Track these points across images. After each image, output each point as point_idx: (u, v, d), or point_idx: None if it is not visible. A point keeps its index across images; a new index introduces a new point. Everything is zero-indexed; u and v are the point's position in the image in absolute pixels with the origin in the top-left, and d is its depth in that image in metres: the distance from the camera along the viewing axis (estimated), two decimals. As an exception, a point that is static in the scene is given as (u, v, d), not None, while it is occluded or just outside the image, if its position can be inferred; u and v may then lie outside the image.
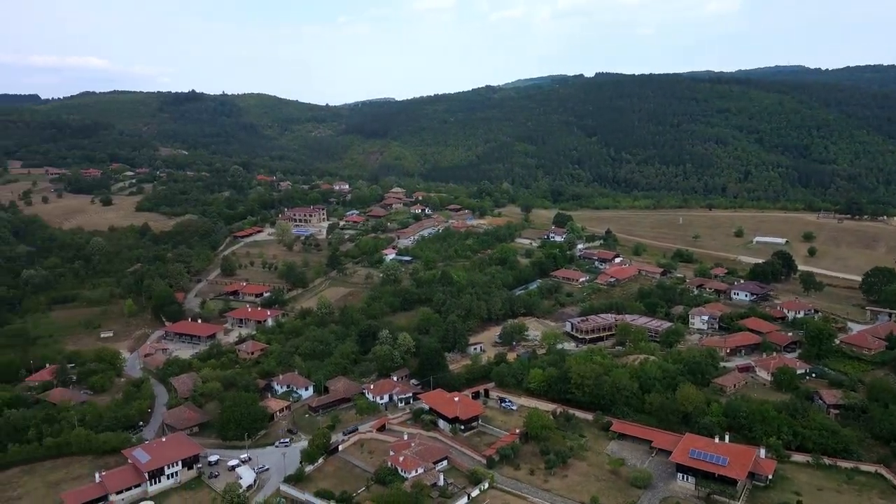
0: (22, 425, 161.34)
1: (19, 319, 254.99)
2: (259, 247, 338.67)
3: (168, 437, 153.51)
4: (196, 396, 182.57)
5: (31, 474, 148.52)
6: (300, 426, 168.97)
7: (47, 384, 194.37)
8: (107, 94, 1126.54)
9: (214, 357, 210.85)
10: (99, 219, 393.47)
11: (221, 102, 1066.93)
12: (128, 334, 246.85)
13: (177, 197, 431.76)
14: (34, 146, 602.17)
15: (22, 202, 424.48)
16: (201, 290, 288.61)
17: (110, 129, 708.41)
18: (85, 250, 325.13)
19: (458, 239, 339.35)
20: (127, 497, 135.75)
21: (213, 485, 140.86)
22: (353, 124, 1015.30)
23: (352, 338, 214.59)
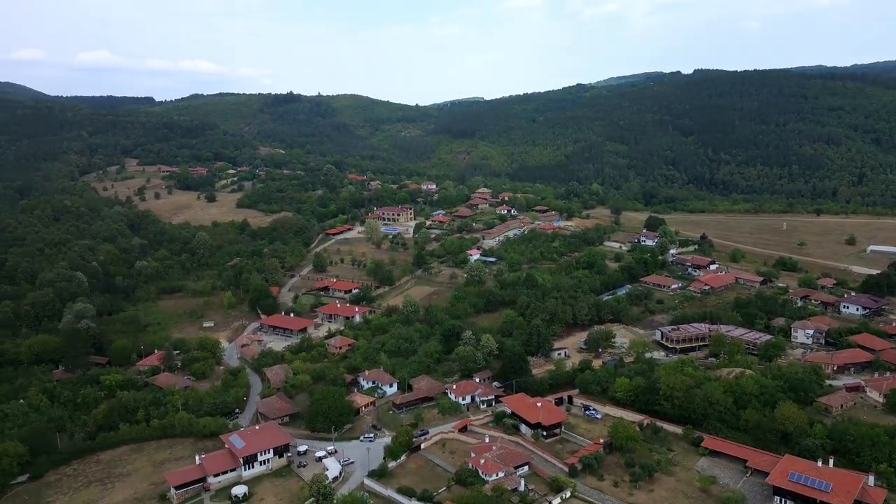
0: (132, 406, 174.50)
1: (132, 307, 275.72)
2: (349, 244, 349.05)
3: (261, 426, 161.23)
4: (287, 387, 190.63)
5: (139, 453, 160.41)
6: (384, 422, 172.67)
7: (155, 369, 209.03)
8: (214, 95, 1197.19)
9: (305, 350, 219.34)
10: (204, 214, 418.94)
11: (317, 103, 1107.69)
12: (227, 325, 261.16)
13: (274, 194, 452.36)
14: (149, 145, 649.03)
15: (137, 198, 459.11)
16: (294, 285, 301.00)
17: (216, 129, 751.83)
18: (191, 244, 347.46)
19: (544, 241, 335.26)
20: (223, 480, 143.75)
21: (302, 474, 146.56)
22: (442, 124, 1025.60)
23: (436, 337, 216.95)
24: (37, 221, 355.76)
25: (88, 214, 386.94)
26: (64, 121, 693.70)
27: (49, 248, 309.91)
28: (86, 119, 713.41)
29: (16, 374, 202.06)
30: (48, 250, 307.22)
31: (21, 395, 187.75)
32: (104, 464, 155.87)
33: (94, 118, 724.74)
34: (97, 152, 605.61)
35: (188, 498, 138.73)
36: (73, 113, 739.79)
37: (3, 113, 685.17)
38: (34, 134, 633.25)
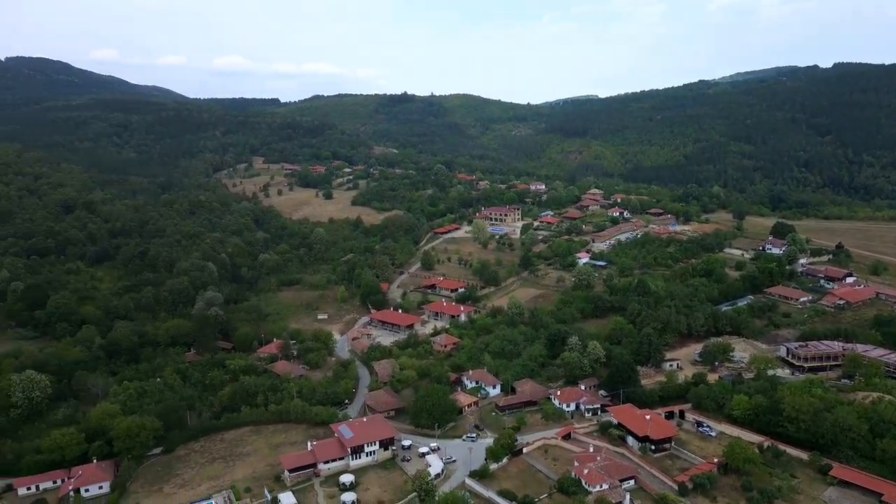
0: (253, 391, 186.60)
1: (255, 297, 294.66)
2: (456, 243, 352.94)
3: (368, 418, 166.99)
4: (394, 382, 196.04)
5: (258, 434, 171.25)
6: (486, 423, 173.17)
7: (273, 357, 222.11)
8: (333, 96, 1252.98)
9: (411, 346, 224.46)
10: (321, 211, 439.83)
11: (429, 103, 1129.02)
12: (339, 318, 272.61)
13: (386, 193, 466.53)
14: (274, 144, 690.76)
15: (262, 194, 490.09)
16: (403, 282, 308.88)
17: (334, 129, 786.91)
18: (309, 239, 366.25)
19: (659, 245, 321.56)
20: (332, 468, 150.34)
21: (405, 468, 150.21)
22: (553, 123, 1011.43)
23: (540, 341, 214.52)
24: (175, 214, 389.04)
25: (220, 209, 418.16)
26: (201, 122, 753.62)
27: (185, 240, 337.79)
28: (220, 120, 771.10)
29: (154, 355, 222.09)
30: (184, 242, 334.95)
31: (158, 374, 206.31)
32: (227, 442, 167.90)
33: (227, 119, 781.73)
34: (228, 151, 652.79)
35: (300, 481, 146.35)
36: (209, 114, 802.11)
37: (150, 115, 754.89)
38: (176, 134, 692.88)
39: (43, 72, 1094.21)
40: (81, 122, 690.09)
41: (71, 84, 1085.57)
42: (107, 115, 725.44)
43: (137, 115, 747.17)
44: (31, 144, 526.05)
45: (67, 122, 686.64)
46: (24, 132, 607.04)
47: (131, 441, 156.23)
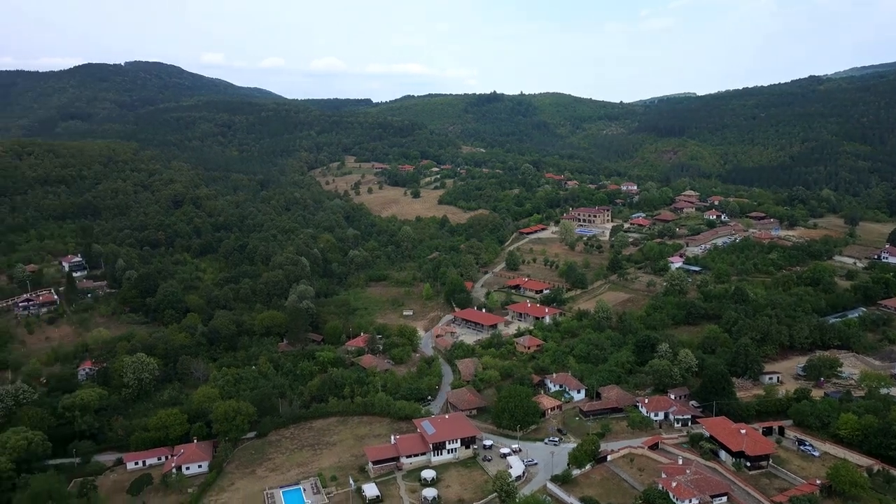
0: (340, 383, 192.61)
1: (344, 292, 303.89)
2: (542, 244, 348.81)
3: (450, 415, 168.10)
4: (476, 381, 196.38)
5: (344, 425, 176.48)
6: (569, 427, 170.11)
7: (360, 350, 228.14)
8: (423, 97, 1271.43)
9: (494, 346, 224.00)
10: (409, 209, 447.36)
11: (518, 102, 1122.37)
12: (424, 315, 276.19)
13: (472, 192, 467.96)
14: (365, 143, 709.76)
15: (353, 192, 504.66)
16: (487, 282, 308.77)
17: (423, 128, 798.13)
18: (396, 236, 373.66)
19: (759, 251, 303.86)
20: (414, 462, 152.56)
21: (487, 468, 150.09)
22: (647, 122, 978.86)
23: (628, 346, 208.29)
24: (272, 210, 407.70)
25: (313, 206, 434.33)
26: (298, 122, 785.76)
27: (281, 235, 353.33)
28: (315, 120, 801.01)
29: (250, 343, 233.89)
30: (280, 237, 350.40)
31: (253, 362, 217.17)
32: (315, 431, 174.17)
33: (322, 119, 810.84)
34: (323, 150, 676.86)
35: (383, 474, 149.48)
36: (305, 114, 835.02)
37: (251, 115, 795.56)
38: (274, 133, 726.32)
39: (158, 75, 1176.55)
40: (190, 123, 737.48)
41: (182, 87, 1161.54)
42: (213, 116, 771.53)
43: (240, 115, 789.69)
44: (147, 143, 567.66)
45: (178, 122, 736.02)
46: (140, 132, 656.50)
47: (228, 424, 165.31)
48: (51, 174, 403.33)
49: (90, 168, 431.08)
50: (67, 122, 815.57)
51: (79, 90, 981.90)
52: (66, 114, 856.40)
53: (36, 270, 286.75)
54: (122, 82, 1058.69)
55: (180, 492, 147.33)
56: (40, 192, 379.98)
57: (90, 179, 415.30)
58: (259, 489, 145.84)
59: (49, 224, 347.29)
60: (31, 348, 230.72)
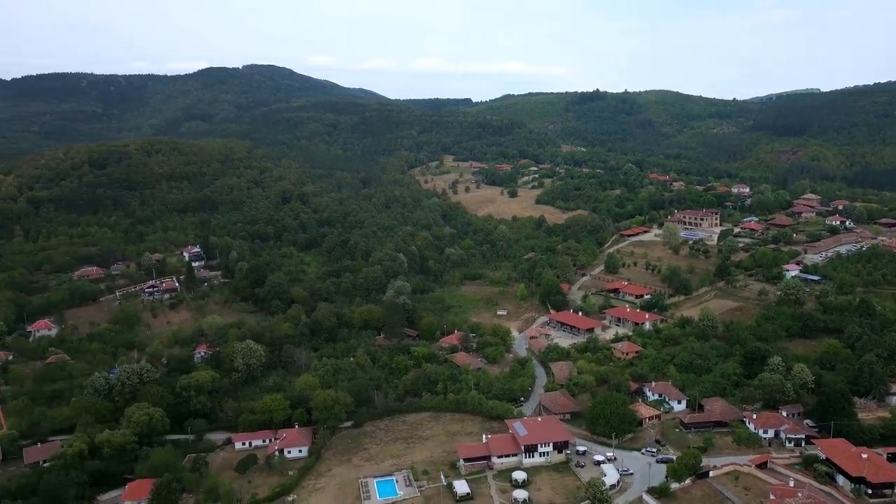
0: (434, 378, 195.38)
1: (439, 289, 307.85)
2: (644, 247, 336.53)
3: (543, 418, 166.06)
4: (571, 385, 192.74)
5: (437, 421, 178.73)
6: (668, 439, 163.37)
7: (454, 347, 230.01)
8: (523, 95, 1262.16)
9: (590, 351, 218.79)
10: (505, 209, 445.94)
11: (622, 100, 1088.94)
12: (518, 315, 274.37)
13: (571, 192, 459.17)
14: (464, 143, 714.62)
15: (450, 191, 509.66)
16: (584, 284, 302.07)
17: (522, 128, 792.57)
18: (492, 236, 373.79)
19: (889, 261, 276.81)
20: (505, 462, 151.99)
21: (579, 474, 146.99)
22: (762, 120, 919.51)
23: (735, 358, 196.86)
24: (373, 208, 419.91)
25: (412, 204, 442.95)
26: (399, 121, 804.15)
27: (380, 232, 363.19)
28: (416, 120, 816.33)
29: (349, 336, 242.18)
30: (380, 233, 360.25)
31: (351, 353, 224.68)
32: (408, 425, 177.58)
33: (422, 119, 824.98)
34: (422, 149, 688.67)
35: (474, 472, 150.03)
36: (406, 114, 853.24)
37: (356, 115, 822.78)
38: (377, 133, 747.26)
39: (271, 77, 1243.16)
40: (299, 122, 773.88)
41: (293, 88, 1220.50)
42: (320, 116, 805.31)
43: (345, 115, 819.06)
44: (259, 142, 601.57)
45: (288, 122, 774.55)
46: (254, 131, 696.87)
47: (327, 412, 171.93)
48: (175, 171, 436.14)
49: (209, 165, 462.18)
50: (191, 122, 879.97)
51: (201, 92, 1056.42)
52: (190, 114, 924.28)
53: (160, 259, 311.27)
54: (239, 85, 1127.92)
55: (282, 473, 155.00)
56: (166, 188, 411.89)
57: (209, 176, 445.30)
58: (354, 477, 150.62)
59: (172, 217, 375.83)
60: (155, 331, 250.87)
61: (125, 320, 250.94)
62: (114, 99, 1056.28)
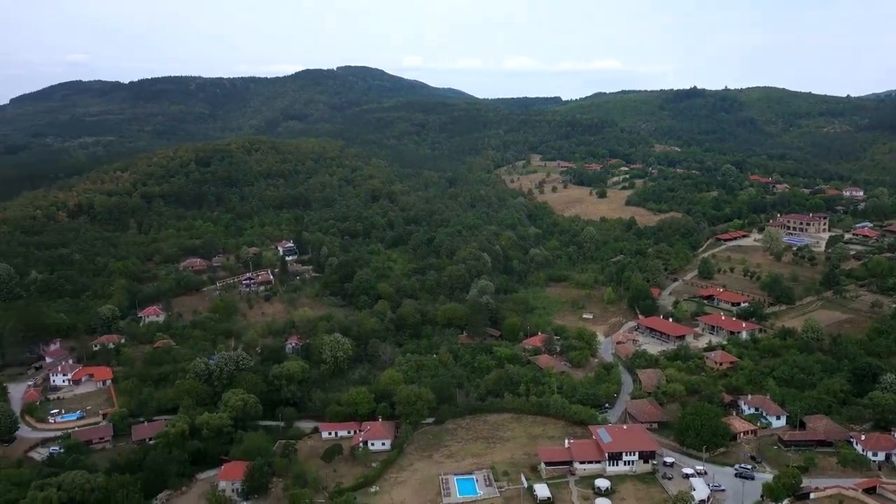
0: (516, 380, 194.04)
1: (523, 290, 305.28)
2: (742, 252, 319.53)
3: (629, 426, 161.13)
4: (659, 393, 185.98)
5: (518, 422, 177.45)
6: (765, 456, 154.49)
7: (537, 349, 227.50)
8: (615, 94, 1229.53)
9: (681, 359, 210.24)
10: (593, 209, 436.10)
11: (722, 98, 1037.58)
12: (604, 319, 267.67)
13: (664, 194, 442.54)
14: (552, 142, 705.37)
15: (536, 190, 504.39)
16: (676, 290, 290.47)
17: (613, 127, 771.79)
18: (579, 237, 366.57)
19: None
20: (588, 469, 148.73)
21: (666, 486, 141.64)
22: (880, 118, 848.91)
23: (843, 373, 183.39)
24: (458, 206, 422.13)
25: (497, 203, 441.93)
26: (487, 120, 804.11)
27: (465, 231, 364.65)
28: (503, 119, 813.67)
29: (432, 333, 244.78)
30: (465, 232, 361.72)
31: (435, 351, 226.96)
32: (489, 425, 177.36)
33: (510, 118, 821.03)
34: (509, 148, 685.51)
35: (555, 476, 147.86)
36: (494, 113, 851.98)
37: (444, 115, 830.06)
38: (464, 132, 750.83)
39: (363, 78, 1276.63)
40: (389, 122, 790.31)
41: (383, 88, 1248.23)
42: (409, 116, 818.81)
43: (434, 115, 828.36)
44: (351, 141, 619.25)
45: (379, 122, 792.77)
46: (346, 131, 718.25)
47: (410, 407, 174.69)
48: (272, 169, 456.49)
49: (304, 164, 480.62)
50: (288, 122, 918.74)
51: (298, 93, 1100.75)
52: (287, 115, 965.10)
53: (257, 253, 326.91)
54: (333, 86, 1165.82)
55: (365, 465, 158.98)
56: (263, 185, 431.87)
57: (303, 174, 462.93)
58: (435, 473, 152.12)
59: (269, 213, 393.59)
60: (250, 321, 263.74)
61: (224, 310, 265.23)
62: (219, 100, 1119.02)
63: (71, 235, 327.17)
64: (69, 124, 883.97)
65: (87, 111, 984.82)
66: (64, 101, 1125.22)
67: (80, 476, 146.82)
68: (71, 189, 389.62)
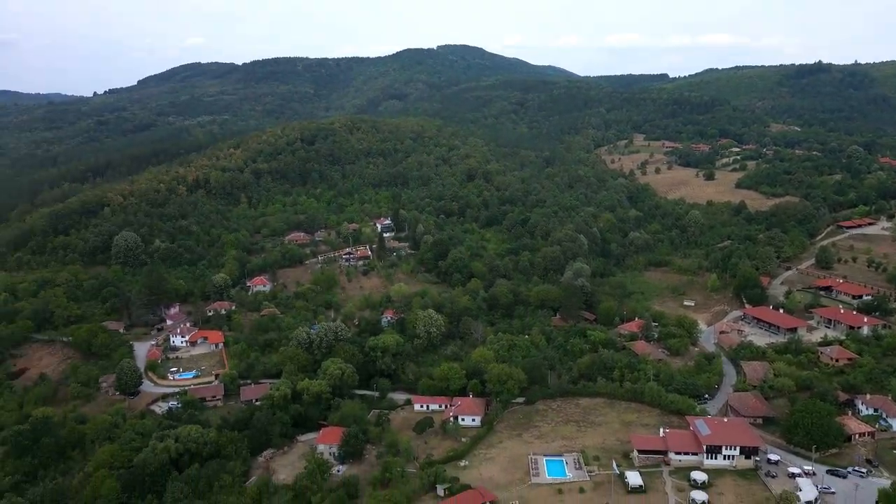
0: (610, 365, 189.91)
1: (620, 274, 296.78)
2: (867, 241, 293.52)
3: (730, 420, 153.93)
4: (765, 388, 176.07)
5: (611, 408, 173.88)
6: (883, 460, 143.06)
7: (633, 335, 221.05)
8: (728, 70, 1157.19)
9: (792, 353, 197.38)
10: (699, 192, 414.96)
11: (850, 73, 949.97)
12: (707, 307, 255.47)
13: (779, 176, 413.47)
14: (656, 121, 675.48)
15: (638, 171, 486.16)
16: (788, 279, 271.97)
17: (725, 105, 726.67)
18: (682, 221, 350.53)
19: None
20: (683, 460, 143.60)
21: (770, 484, 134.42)
22: None
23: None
24: (555, 187, 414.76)
25: (596, 184, 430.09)
26: (588, 99, 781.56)
27: (562, 212, 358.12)
28: (605, 97, 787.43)
29: (525, 314, 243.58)
30: (561, 213, 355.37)
31: (527, 331, 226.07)
32: (581, 408, 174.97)
33: (613, 96, 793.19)
34: (611, 127, 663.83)
35: (648, 465, 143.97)
36: (596, 91, 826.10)
37: (543, 93, 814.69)
38: (564, 111, 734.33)
39: (463, 57, 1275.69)
40: (487, 101, 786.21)
41: (482, 67, 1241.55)
42: (508, 95, 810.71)
43: (533, 93, 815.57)
44: (449, 120, 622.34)
45: (477, 101, 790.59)
46: (444, 110, 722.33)
47: (501, 386, 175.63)
48: (372, 147, 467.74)
49: (402, 143, 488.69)
50: (388, 101, 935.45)
51: (399, 73, 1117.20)
52: (388, 94, 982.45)
53: (356, 229, 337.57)
54: (433, 65, 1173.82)
55: (455, 439, 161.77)
56: (364, 163, 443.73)
57: (402, 153, 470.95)
58: (524, 453, 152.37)
59: (368, 190, 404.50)
60: (349, 294, 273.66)
61: (325, 282, 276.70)
62: (323, 80, 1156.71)
63: (189, 208, 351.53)
64: (189, 104, 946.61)
65: (205, 92, 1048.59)
66: (184, 82, 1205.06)
67: (194, 430, 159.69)
68: (190, 165, 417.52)
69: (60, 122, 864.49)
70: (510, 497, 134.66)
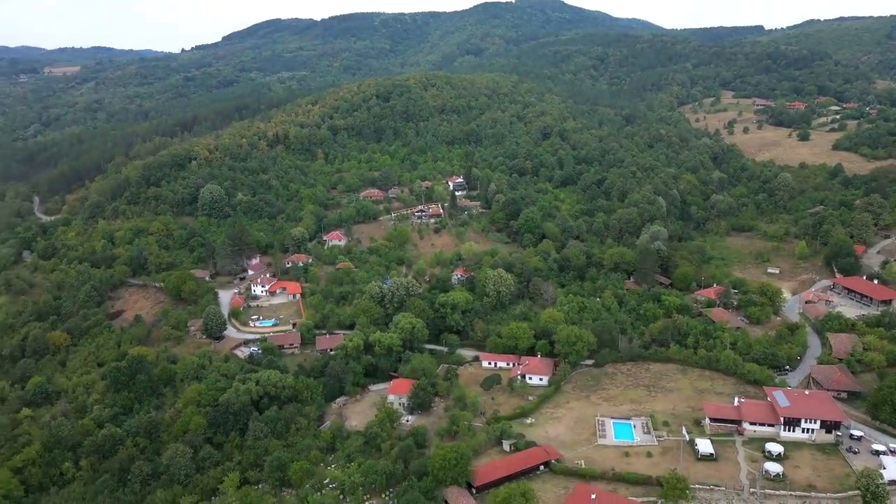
0: (685, 331, 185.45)
1: (700, 238, 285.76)
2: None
3: (811, 392, 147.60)
4: (852, 361, 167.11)
5: (684, 374, 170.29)
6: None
7: (711, 302, 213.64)
8: (831, 21, 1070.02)
9: (884, 326, 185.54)
10: (791, 154, 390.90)
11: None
12: (793, 276, 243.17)
13: (883, 138, 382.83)
14: (748, 77, 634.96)
15: (725, 131, 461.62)
16: (886, 248, 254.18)
17: (825, 59, 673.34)
18: (771, 184, 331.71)
19: None
20: (759, 431, 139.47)
21: (850, 460, 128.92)
22: None
23: None
24: (634, 146, 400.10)
25: (678, 144, 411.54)
26: (673, 53, 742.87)
27: (640, 172, 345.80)
28: (692, 52, 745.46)
29: (597, 276, 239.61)
30: (639, 174, 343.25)
31: (598, 294, 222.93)
32: (652, 373, 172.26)
33: (700, 50, 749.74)
34: (697, 84, 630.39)
35: (720, 433, 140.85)
36: (682, 46, 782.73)
37: (626, 48, 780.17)
38: (647, 66, 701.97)
39: (542, 10, 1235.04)
40: (566, 56, 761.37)
41: (563, 20, 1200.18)
42: (588, 49, 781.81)
43: (614, 48, 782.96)
44: (525, 76, 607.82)
45: (555, 56, 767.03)
46: (521, 65, 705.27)
47: (569, 347, 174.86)
48: (446, 104, 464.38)
49: (477, 99, 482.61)
50: (464, 56, 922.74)
51: (475, 28, 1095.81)
52: (464, 49, 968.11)
53: (429, 187, 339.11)
54: (510, 19, 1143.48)
55: (522, 397, 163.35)
56: (437, 120, 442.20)
57: (476, 110, 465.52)
58: (591, 414, 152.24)
59: (441, 148, 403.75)
60: (420, 251, 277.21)
61: (397, 238, 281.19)
62: (400, 36, 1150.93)
63: (269, 163, 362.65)
64: (269, 60, 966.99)
65: (285, 48, 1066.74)
66: (265, 38, 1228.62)
67: (274, 375, 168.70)
68: (270, 120, 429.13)
69: (151, 78, 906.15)
70: (576, 457, 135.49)
